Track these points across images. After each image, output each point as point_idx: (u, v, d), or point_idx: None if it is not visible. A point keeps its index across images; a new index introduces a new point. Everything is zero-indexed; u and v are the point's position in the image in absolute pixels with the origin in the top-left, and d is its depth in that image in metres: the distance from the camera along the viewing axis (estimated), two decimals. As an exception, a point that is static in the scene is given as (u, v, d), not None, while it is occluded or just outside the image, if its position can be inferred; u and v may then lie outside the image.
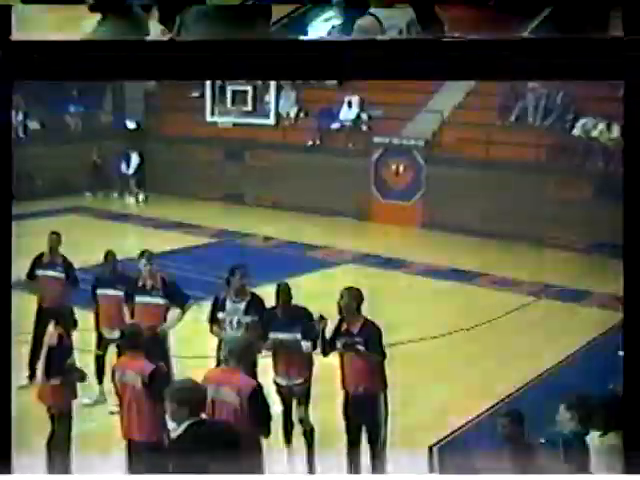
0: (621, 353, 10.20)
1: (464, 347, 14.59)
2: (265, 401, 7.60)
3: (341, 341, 9.07)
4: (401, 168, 25.85)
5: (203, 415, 6.74)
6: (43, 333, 11.00)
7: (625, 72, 5.39)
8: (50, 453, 9.64)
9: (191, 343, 11.95)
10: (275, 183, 28.23)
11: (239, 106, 25.13)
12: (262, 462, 7.82)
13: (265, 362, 10.10)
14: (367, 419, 9.25)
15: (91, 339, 12.02)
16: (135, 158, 30.39)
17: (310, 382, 9.82)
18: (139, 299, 11.10)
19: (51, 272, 12.47)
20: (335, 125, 27.56)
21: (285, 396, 9.84)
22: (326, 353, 9.34)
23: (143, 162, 30.60)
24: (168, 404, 6.51)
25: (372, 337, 9.05)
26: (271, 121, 25.31)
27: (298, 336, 9.50)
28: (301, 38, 7.90)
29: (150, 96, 33.68)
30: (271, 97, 25.20)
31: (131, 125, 32.52)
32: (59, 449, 9.52)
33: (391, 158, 26.04)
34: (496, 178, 23.48)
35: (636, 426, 4.01)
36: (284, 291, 9.75)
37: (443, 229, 24.17)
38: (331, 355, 9.35)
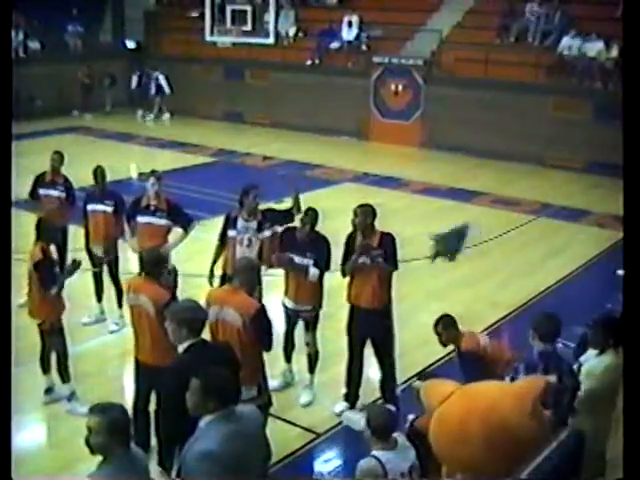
0: (620, 272, 10.39)
1: (464, 266, 14.74)
2: (268, 322, 7.69)
3: (365, 257, 9.11)
4: (400, 88, 25.86)
5: (203, 336, 6.82)
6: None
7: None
8: (44, 369, 9.88)
9: (193, 261, 12.06)
10: (274, 102, 28.27)
11: (238, 26, 25.00)
12: (264, 385, 8.04)
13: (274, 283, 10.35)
14: (378, 332, 9.38)
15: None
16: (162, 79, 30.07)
17: (319, 309, 9.89)
18: (142, 219, 11.13)
19: (52, 191, 12.55)
20: (335, 45, 27.49)
21: (290, 318, 9.96)
22: (346, 274, 9.41)
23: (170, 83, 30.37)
24: (168, 324, 6.66)
25: (390, 248, 9.20)
26: (270, 40, 25.16)
27: (310, 262, 9.50)
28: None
29: (150, 16, 33.51)
30: (270, 16, 25.01)
31: (131, 45, 32.39)
32: (58, 365, 9.75)
33: (390, 78, 26.04)
34: (495, 98, 23.51)
35: (636, 344, 4.15)
36: (309, 217, 9.65)
37: (442, 148, 24.27)
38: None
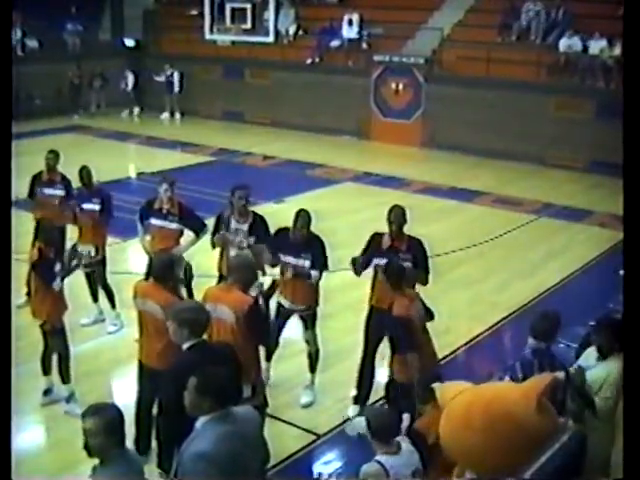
0: (622, 272, 10.32)
1: (464, 266, 14.71)
2: (262, 317, 7.68)
3: (389, 258, 8.95)
4: (401, 86, 25.79)
5: (205, 336, 6.80)
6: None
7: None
8: (45, 370, 9.81)
9: (193, 261, 11.96)
10: (275, 101, 28.20)
11: (238, 24, 24.95)
12: (260, 385, 7.96)
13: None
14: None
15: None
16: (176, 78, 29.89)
17: (316, 308, 9.81)
18: (154, 222, 11.07)
19: (50, 190, 12.48)
20: (335, 43, 27.39)
21: (282, 316, 9.83)
22: (360, 271, 9.33)
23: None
24: (169, 324, 6.61)
25: (419, 253, 9.17)
26: (270, 39, 25.12)
27: (307, 264, 9.43)
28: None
29: (149, 14, 33.47)
30: (270, 15, 24.97)
31: (130, 44, 32.32)
32: (59, 365, 9.66)
33: (391, 76, 25.95)
34: (496, 97, 23.44)
35: (636, 345, 4.09)
36: (303, 218, 9.51)
37: (443, 148, 24.20)
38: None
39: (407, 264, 8.94)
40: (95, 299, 12.09)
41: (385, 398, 9.33)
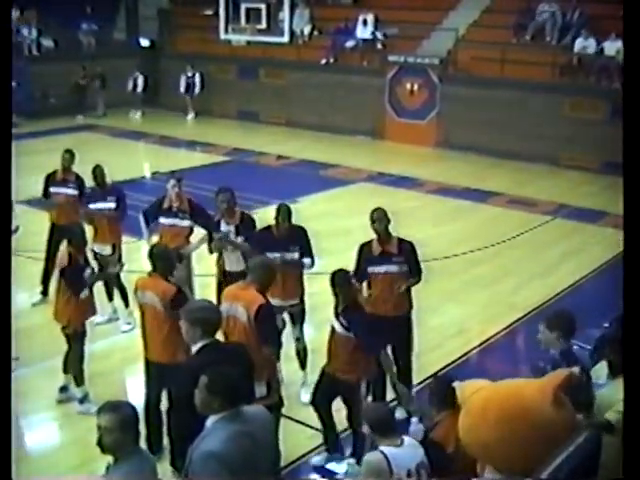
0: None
1: (480, 267, 14.67)
2: (271, 318, 7.69)
3: (385, 265, 9.00)
4: (416, 87, 25.75)
5: (218, 336, 6.81)
6: (56, 250, 11.05)
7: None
8: (65, 369, 9.86)
9: (204, 261, 11.96)
10: (289, 101, 28.23)
11: (253, 24, 25.00)
12: (276, 384, 7.96)
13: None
14: (397, 340, 9.23)
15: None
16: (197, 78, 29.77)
17: (304, 302, 9.94)
18: (164, 221, 11.13)
19: (64, 189, 12.50)
20: (350, 43, 27.37)
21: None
22: (360, 281, 9.21)
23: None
24: (182, 323, 6.63)
25: (411, 256, 9.08)
26: (285, 39, 25.15)
27: (296, 256, 9.55)
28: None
29: (164, 14, 33.54)
30: (285, 15, 25.00)
31: (145, 43, 32.38)
32: (73, 367, 9.70)
33: (406, 77, 25.92)
34: (511, 97, 23.40)
35: (636, 345, 4.06)
36: (283, 211, 9.67)
37: (457, 148, 24.15)
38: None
39: (401, 267, 8.99)
40: (110, 298, 12.16)
41: (396, 400, 9.34)
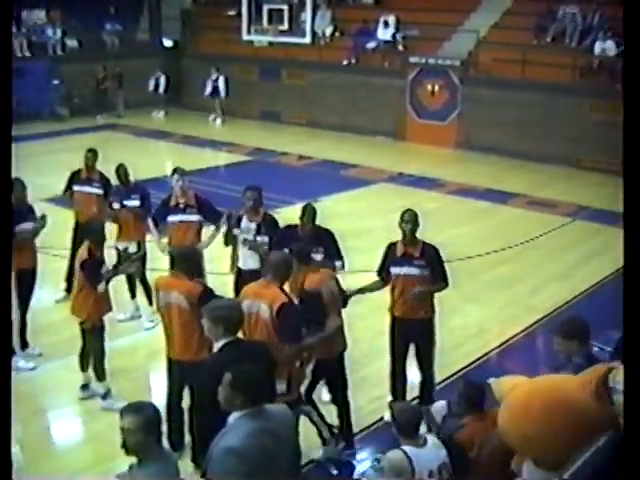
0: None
1: (500, 268, 14.68)
2: (295, 316, 7.66)
3: (407, 267, 8.96)
4: (437, 88, 25.79)
5: (239, 334, 6.81)
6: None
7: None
8: (82, 366, 9.96)
9: (223, 259, 12.03)
10: (311, 102, 28.32)
11: (275, 25, 25.11)
12: (298, 381, 7.96)
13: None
14: (421, 341, 9.20)
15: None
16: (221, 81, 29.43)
17: None
18: (173, 218, 11.20)
19: (88, 188, 12.60)
20: (371, 44, 27.43)
21: None
22: (385, 280, 9.26)
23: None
24: (204, 321, 6.66)
25: (434, 260, 8.97)
26: (307, 40, 25.25)
27: (318, 257, 9.44)
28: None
29: (187, 15, 33.69)
30: (307, 16, 25.12)
31: (168, 43, 32.53)
32: (93, 362, 9.80)
33: (427, 78, 25.97)
34: (532, 99, 23.39)
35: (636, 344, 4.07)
36: (309, 212, 9.71)
37: (478, 149, 24.17)
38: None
39: (422, 271, 8.91)
40: (133, 295, 12.29)
41: (419, 398, 9.41)
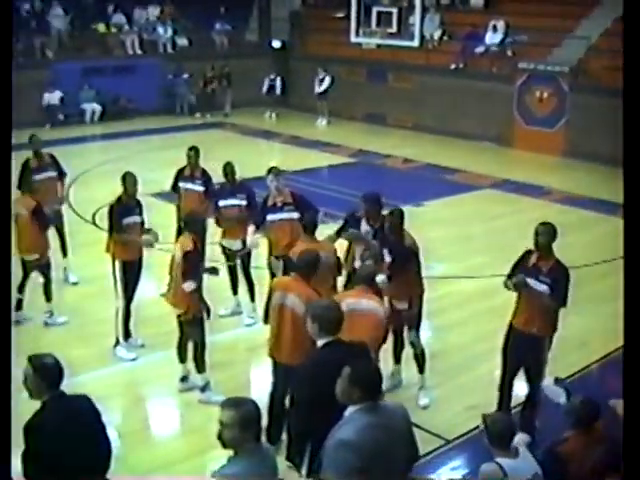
0: None
1: (607, 279, 14.36)
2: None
3: (532, 279, 8.71)
4: (545, 95, 25.45)
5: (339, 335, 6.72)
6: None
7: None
8: (181, 358, 10.13)
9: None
10: (417, 105, 28.22)
11: (383, 27, 25.06)
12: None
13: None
14: (530, 359, 8.96)
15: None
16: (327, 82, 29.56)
17: (417, 308, 9.77)
18: (272, 217, 11.21)
19: (191, 185, 12.80)
20: (479, 49, 27.24)
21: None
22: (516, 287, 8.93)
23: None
24: (307, 320, 6.70)
25: (560, 281, 8.67)
26: (415, 43, 25.11)
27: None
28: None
29: (295, 16, 33.89)
30: (416, 19, 24.96)
31: (276, 44, 32.77)
32: (195, 354, 9.91)
33: (535, 84, 25.64)
34: (643, 108, 22.90)
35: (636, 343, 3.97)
36: (397, 216, 9.66)
37: (585, 158, 23.74)
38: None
39: (544, 287, 8.64)
40: (235, 292, 12.44)
41: (522, 410, 9.25)
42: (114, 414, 9.41)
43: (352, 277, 10.11)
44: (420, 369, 10.03)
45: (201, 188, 12.75)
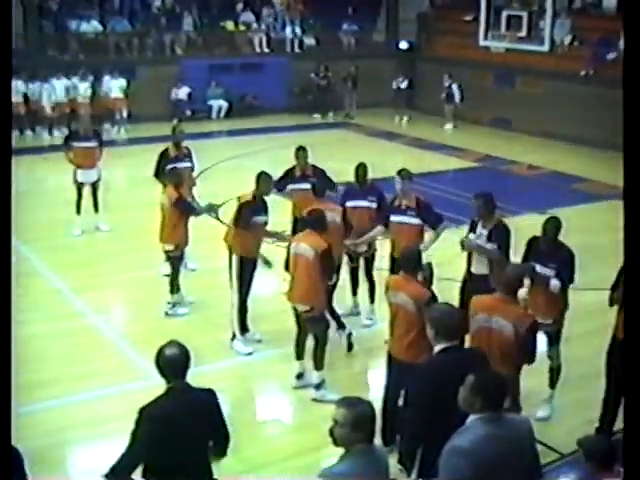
0: None
1: None
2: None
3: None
4: (679, 104, 24.76)
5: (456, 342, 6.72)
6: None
7: None
8: (298, 355, 10.21)
9: (451, 265, 11.89)
10: (545, 111, 27.73)
11: (513, 31, 24.77)
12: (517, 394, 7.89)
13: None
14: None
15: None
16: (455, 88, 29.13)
17: (561, 323, 9.56)
18: (395, 218, 11.17)
19: (301, 185, 12.77)
20: (611, 56, 26.57)
21: None
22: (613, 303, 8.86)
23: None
24: (427, 325, 6.70)
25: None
26: (545, 48, 24.75)
27: (551, 273, 9.17)
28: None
29: (423, 18, 33.77)
30: (546, 23, 24.63)
31: (403, 45, 32.69)
32: (316, 352, 9.96)
33: (668, 93, 24.95)
34: None
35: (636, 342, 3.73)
36: (552, 225, 9.40)
37: None
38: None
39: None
40: (354, 292, 12.43)
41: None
42: (228, 407, 9.49)
43: (467, 282, 10.14)
44: (552, 384, 9.82)
45: (308, 187, 12.36)
